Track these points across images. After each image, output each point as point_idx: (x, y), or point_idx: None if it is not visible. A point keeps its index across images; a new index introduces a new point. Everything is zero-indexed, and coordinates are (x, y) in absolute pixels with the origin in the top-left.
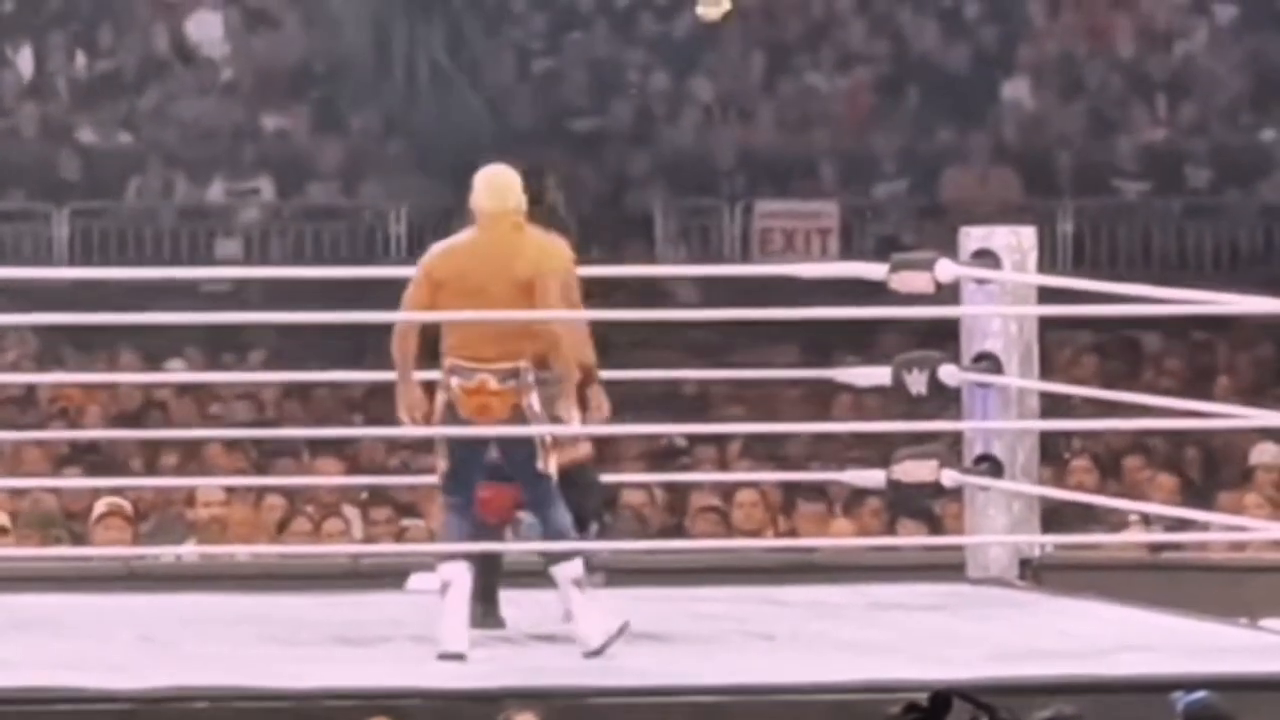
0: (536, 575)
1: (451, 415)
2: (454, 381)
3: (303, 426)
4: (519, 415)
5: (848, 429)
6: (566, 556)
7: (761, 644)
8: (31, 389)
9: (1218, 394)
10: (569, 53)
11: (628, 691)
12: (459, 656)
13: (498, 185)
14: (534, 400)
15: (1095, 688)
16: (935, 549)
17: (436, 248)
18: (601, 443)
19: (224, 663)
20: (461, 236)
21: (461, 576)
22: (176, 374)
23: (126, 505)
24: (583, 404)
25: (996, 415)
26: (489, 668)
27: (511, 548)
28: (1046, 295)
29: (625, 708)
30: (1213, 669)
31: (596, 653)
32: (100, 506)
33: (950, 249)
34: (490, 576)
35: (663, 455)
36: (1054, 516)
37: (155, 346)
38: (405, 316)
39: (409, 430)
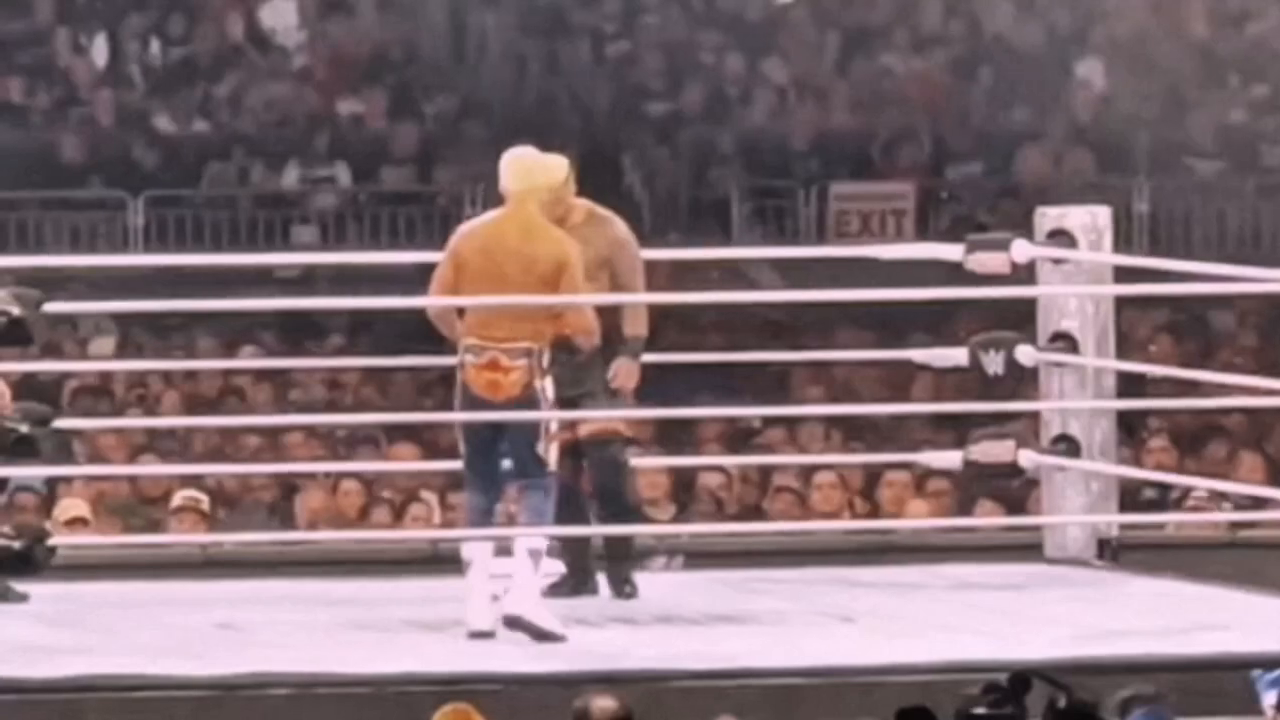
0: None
1: (465, 394)
2: (468, 359)
3: (380, 412)
4: (530, 395)
5: (925, 410)
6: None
7: (841, 625)
8: (109, 377)
9: None
10: (643, 36)
11: (708, 674)
12: (488, 635)
13: (521, 166)
14: (547, 385)
15: (1175, 666)
16: (1013, 529)
17: (463, 227)
18: (677, 424)
19: (302, 649)
20: (487, 216)
21: (483, 555)
22: (253, 360)
23: (204, 500)
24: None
25: (1073, 395)
26: (567, 651)
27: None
28: (1122, 275)
29: (705, 691)
30: None
31: (515, 620)
32: (176, 500)
33: (1026, 229)
34: (581, 548)
35: (740, 437)
36: (1131, 496)
37: (232, 333)
38: (432, 301)
39: (483, 415)
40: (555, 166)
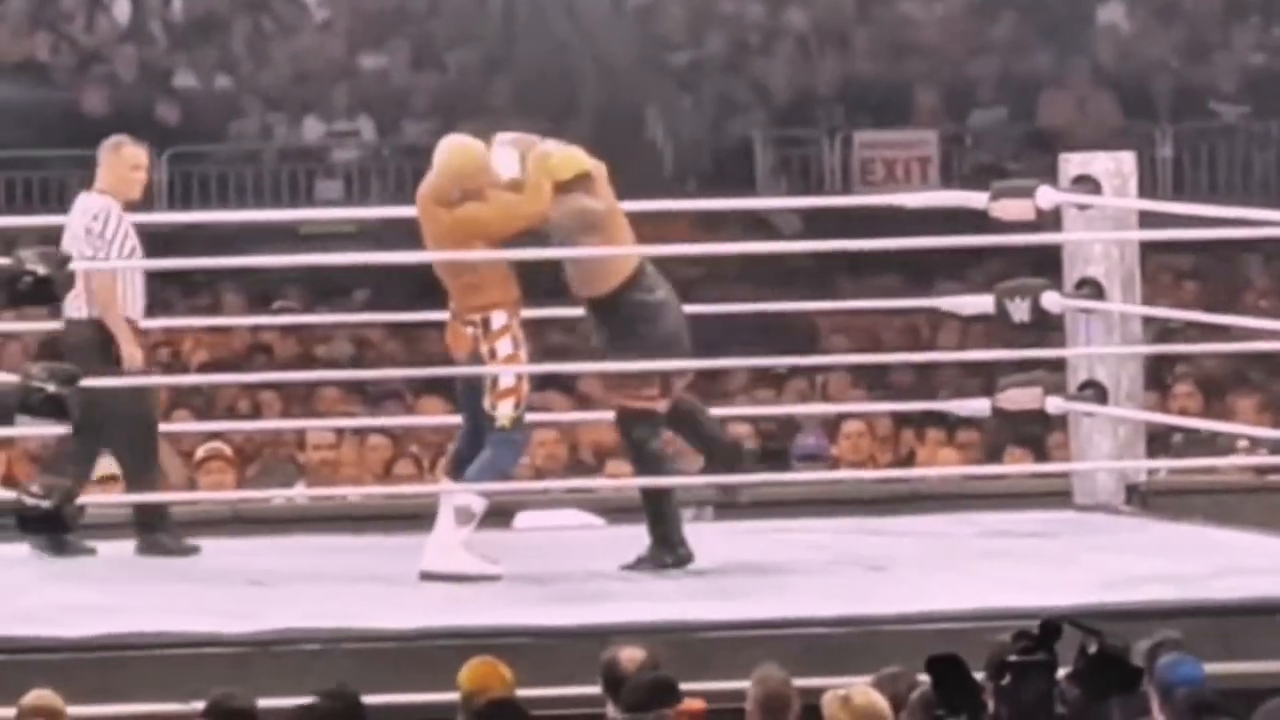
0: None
1: None
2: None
3: (406, 367)
4: (478, 357)
5: (952, 358)
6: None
7: (870, 575)
8: None
9: None
10: None
11: (736, 625)
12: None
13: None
14: (499, 345)
15: (1204, 611)
16: (1042, 477)
17: None
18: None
19: (332, 605)
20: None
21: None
22: (280, 317)
23: (227, 449)
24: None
25: (1099, 341)
26: (595, 604)
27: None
28: (1147, 220)
29: (734, 641)
30: None
31: (430, 575)
32: (201, 451)
33: (1050, 175)
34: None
35: (767, 388)
36: (1159, 441)
37: (258, 289)
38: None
39: (516, 366)
40: None
